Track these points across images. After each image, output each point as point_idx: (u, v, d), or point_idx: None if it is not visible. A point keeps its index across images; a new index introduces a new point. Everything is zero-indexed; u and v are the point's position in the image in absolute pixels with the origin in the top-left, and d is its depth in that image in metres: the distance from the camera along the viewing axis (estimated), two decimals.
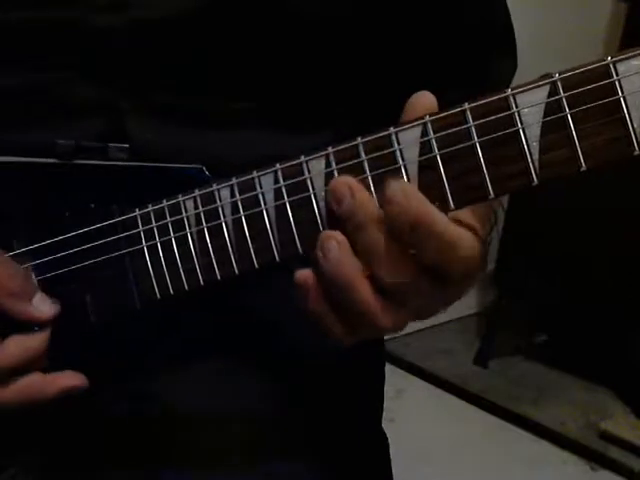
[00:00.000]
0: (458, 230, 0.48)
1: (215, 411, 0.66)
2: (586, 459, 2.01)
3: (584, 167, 0.45)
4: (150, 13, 0.62)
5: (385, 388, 0.80)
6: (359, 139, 0.51)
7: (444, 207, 0.49)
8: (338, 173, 0.51)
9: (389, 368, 0.79)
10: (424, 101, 0.50)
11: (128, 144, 0.62)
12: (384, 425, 0.79)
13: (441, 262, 0.48)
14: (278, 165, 0.53)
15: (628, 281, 2.08)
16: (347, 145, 0.51)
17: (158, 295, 0.58)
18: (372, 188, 0.51)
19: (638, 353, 2.13)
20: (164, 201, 0.57)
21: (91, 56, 0.63)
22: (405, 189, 0.48)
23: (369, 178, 0.51)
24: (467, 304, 2.66)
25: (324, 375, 0.71)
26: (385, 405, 0.80)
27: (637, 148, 0.44)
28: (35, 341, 0.58)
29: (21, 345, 0.58)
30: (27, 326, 0.58)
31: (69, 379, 0.58)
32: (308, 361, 0.70)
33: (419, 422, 2.11)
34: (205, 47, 0.64)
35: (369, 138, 0.51)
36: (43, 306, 0.59)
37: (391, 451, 0.77)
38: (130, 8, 0.62)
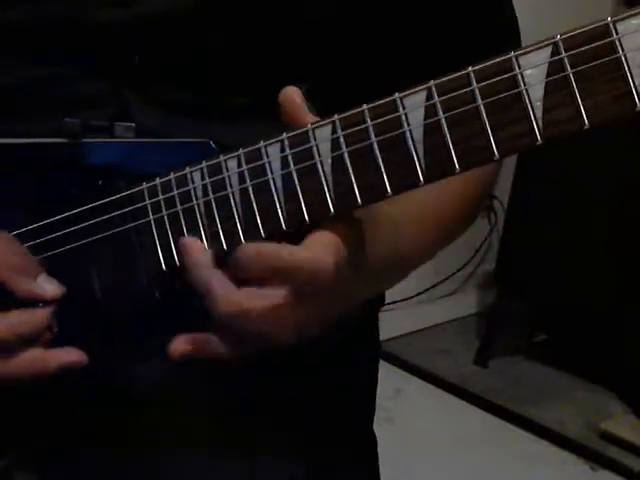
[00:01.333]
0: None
1: (207, 406, 0.66)
2: (586, 459, 2.01)
3: (587, 125, 0.46)
4: (152, 9, 0.63)
5: (384, 388, 0.80)
6: (364, 105, 0.52)
7: (450, 170, 0.50)
8: (344, 139, 0.52)
9: (389, 368, 0.79)
10: (292, 95, 0.54)
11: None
12: (383, 425, 0.79)
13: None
14: (285, 134, 0.54)
15: (628, 281, 2.08)
16: (353, 112, 0.52)
17: (164, 266, 0.59)
18: (377, 153, 0.52)
19: (638, 353, 2.13)
20: (171, 174, 0.58)
21: (93, 52, 0.64)
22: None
23: (374, 144, 0.51)
24: (467, 304, 2.66)
25: (314, 374, 0.71)
26: (384, 405, 0.80)
27: (639, 104, 0.45)
28: (37, 316, 0.58)
29: (23, 319, 0.58)
30: (32, 304, 0.59)
31: (69, 355, 0.58)
32: (299, 359, 0.70)
33: (418, 422, 2.11)
34: (207, 42, 0.64)
35: (374, 104, 0.51)
36: (47, 285, 0.59)
37: (390, 451, 0.78)
38: (132, 4, 0.63)
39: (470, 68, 0.49)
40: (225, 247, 0.56)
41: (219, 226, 0.56)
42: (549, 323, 2.49)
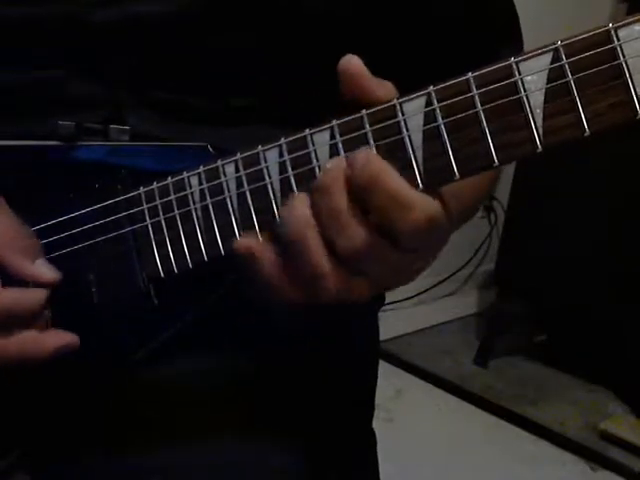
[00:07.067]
0: (412, 193, 0.49)
1: (207, 405, 0.66)
2: (586, 459, 2.00)
3: (588, 132, 0.45)
4: (148, 8, 0.62)
5: (385, 387, 0.80)
6: (363, 111, 0.51)
7: (450, 177, 0.49)
8: (342, 145, 0.52)
9: (389, 368, 0.79)
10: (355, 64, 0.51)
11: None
12: (383, 425, 0.79)
13: (390, 222, 0.49)
14: (283, 139, 0.54)
15: (628, 281, 2.08)
16: (351, 117, 0.52)
17: (162, 273, 0.58)
18: None
19: (638, 353, 2.13)
20: (169, 178, 0.58)
21: (89, 52, 0.63)
22: (368, 153, 0.50)
23: (373, 149, 0.51)
24: (467, 304, 2.67)
25: (314, 374, 0.71)
26: (385, 405, 0.80)
27: None
28: (29, 296, 0.58)
29: (15, 297, 0.57)
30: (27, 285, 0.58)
31: (64, 336, 0.58)
32: (300, 358, 0.70)
33: (419, 422, 2.10)
34: (204, 43, 0.64)
35: (373, 109, 0.51)
36: (45, 268, 0.59)
37: (390, 451, 0.77)
38: (127, 3, 0.62)
39: (470, 74, 0.48)
40: (222, 252, 0.56)
41: (216, 231, 0.56)
42: (549, 323, 2.49)
